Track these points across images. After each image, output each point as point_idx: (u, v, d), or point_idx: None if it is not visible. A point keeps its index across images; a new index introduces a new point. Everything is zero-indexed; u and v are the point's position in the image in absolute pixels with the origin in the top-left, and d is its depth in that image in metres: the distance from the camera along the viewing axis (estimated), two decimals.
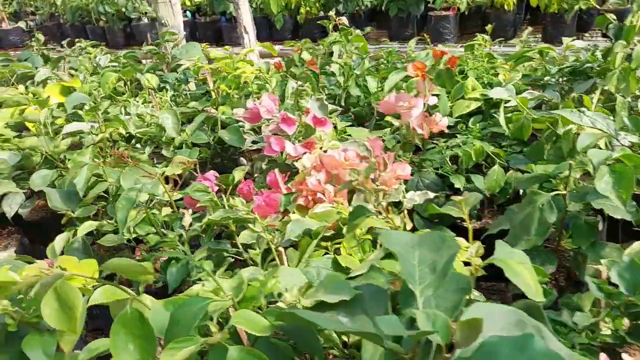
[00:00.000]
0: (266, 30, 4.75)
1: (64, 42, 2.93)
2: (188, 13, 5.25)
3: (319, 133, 1.55)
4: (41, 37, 3.27)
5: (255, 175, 1.86)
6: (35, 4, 6.73)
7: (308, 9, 4.57)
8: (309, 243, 1.15)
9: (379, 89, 2.00)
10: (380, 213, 1.30)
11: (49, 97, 2.00)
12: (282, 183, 1.37)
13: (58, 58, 2.59)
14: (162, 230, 1.44)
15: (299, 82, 1.76)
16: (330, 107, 1.67)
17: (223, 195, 1.33)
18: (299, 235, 1.10)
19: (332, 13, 2.52)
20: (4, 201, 1.77)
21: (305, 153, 1.49)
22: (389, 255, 0.93)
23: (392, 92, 1.63)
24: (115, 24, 5.42)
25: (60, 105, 2.01)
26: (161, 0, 3.17)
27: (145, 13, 5.27)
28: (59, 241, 0.77)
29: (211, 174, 1.45)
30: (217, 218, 1.16)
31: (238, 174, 1.35)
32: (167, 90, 2.33)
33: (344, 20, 2.47)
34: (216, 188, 1.39)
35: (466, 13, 4.00)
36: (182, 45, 2.68)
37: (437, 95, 1.61)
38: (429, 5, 4.22)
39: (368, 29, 2.45)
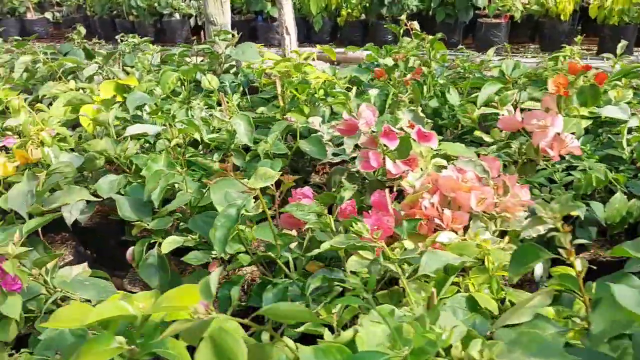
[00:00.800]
0: (304, 31, 4.63)
1: (119, 37, 2.81)
2: None
3: (421, 149, 1.41)
4: (82, 30, 3.16)
5: (333, 190, 1.73)
6: None
7: (349, 11, 4.44)
8: (444, 278, 1.02)
9: (464, 100, 1.87)
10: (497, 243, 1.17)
11: (114, 96, 1.87)
12: (391, 205, 1.24)
13: (110, 53, 2.47)
14: (252, 248, 1.31)
15: (393, 92, 1.63)
16: None
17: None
18: (436, 270, 0.97)
19: (403, 17, 2.39)
20: (64, 206, 1.64)
21: (407, 171, 1.36)
22: None
23: (503, 107, 1.49)
24: (146, 19, 5.31)
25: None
26: None
27: (179, 9, 5.15)
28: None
29: (308, 190, 1.32)
30: (340, 245, 1.04)
31: (347, 193, 1.22)
32: (227, 94, 2.20)
33: (416, 25, 2.34)
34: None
35: (518, 21, 3.87)
36: (238, 45, 2.55)
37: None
38: (476, 12, 4.10)
39: (439, 35, 2.32)
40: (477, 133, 1.70)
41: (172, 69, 2.16)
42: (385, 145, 1.33)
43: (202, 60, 2.74)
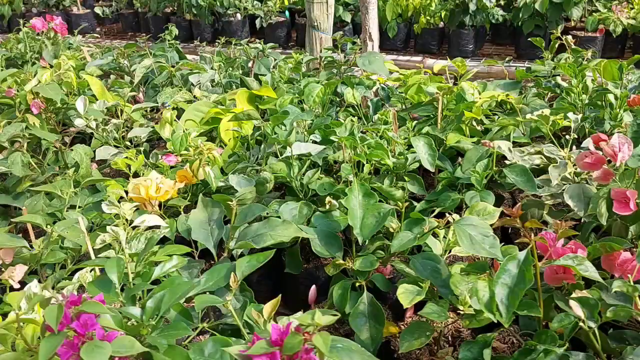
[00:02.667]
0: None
1: (222, 40, 2.63)
2: (287, 13, 4.94)
3: None
4: (174, 30, 2.98)
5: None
6: None
7: (429, 18, 4.26)
8: None
9: None
10: None
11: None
12: None
13: (233, 60, 2.28)
14: None
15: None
16: None
17: None
18: None
19: (557, 30, 2.20)
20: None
21: None
22: None
23: None
24: (206, 18, 5.13)
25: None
26: (317, 0, 2.86)
27: (244, 9, 4.97)
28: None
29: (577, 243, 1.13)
30: None
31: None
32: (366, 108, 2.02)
33: (570, 40, 2.16)
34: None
35: (614, 36, 3.69)
36: (363, 54, 2.36)
37: None
38: (566, 24, 3.91)
39: (589, 52, 2.13)
40: None
41: (316, 81, 1.97)
42: None
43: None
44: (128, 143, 1.95)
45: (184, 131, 1.64)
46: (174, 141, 1.64)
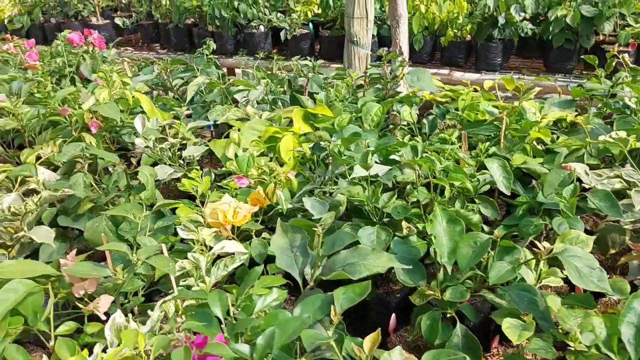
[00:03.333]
0: None
1: (275, 58, 2.59)
2: (310, 25, 4.92)
3: None
4: (212, 45, 2.96)
5: (612, 252, 1.50)
6: (135, 0, 6.45)
7: (456, 31, 4.23)
8: None
9: None
10: None
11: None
12: None
13: (283, 79, 2.25)
14: None
15: None
16: None
17: None
18: None
19: (615, 48, 2.17)
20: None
21: None
22: None
23: None
24: (228, 30, 5.11)
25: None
26: (357, 16, 2.84)
27: (269, 21, 4.95)
28: None
29: None
30: None
31: None
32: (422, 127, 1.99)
33: (627, 58, 2.13)
34: None
35: None
36: (411, 70, 2.34)
37: None
38: (596, 38, 3.88)
39: None
40: None
41: (373, 99, 1.94)
42: None
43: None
44: (181, 162, 1.92)
45: (248, 151, 1.61)
46: (240, 162, 1.60)
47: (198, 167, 1.94)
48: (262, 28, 5.06)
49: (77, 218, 1.66)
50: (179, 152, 1.93)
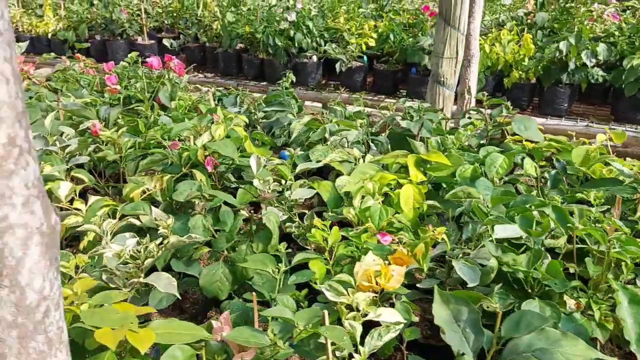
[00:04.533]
0: None
1: (402, 100, 2.49)
2: (365, 58, 4.85)
3: None
4: (292, 77, 2.87)
5: None
6: (181, 23, 6.45)
7: (521, 73, 4.14)
8: None
9: None
10: None
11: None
12: None
13: (387, 119, 2.14)
14: None
15: None
16: None
17: None
18: None
19: None
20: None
21: None
22: None
23: None
24: (280, 59, 5.06)
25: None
26: (447, 56, 2.75)
27: (324, 51, 4.89)
28: None
29: None
30: None
31: None
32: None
33: None
34: None
35: None
36: (516, 117, 2.23)
37: None
38: None
39: None
40: None
41: (499, 151, 1.83)
42: None
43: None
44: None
45: (376, 201, 1.49)
46: (372, 215, 1.48)
47: (306, 211, 1.83)
48: (314, 58, 5.01)
49: (190, 263, 1.54)
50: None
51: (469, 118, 2.29)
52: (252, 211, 1.65)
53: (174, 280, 1.34)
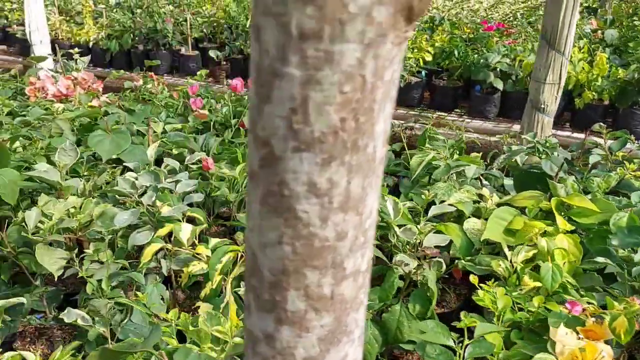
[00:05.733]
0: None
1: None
2: (423, 73, 4.69)
3: None
4: None
5: None
6: (225, 33, 6.35)
7: (594, 94, 3.97)
8: None
9: None
10: None
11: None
12: None
13: (512, 154, 1.99)
14: None
15: None
16: None
17: None
18: None
19: None
20: None
21: None
22: None
23: None
24: None
25: None
26: (550, 82, 2.60)
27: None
28: None
29: None
30: None
31: None
32: None
33: None
34: None
35: None
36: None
37: None
38: None
39: None
40: None
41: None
42: None
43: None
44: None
45: (554, 263, 1.34)
46: (544, 276, 1.33)
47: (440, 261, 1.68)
48: None
49: None
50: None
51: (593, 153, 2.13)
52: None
53: None
